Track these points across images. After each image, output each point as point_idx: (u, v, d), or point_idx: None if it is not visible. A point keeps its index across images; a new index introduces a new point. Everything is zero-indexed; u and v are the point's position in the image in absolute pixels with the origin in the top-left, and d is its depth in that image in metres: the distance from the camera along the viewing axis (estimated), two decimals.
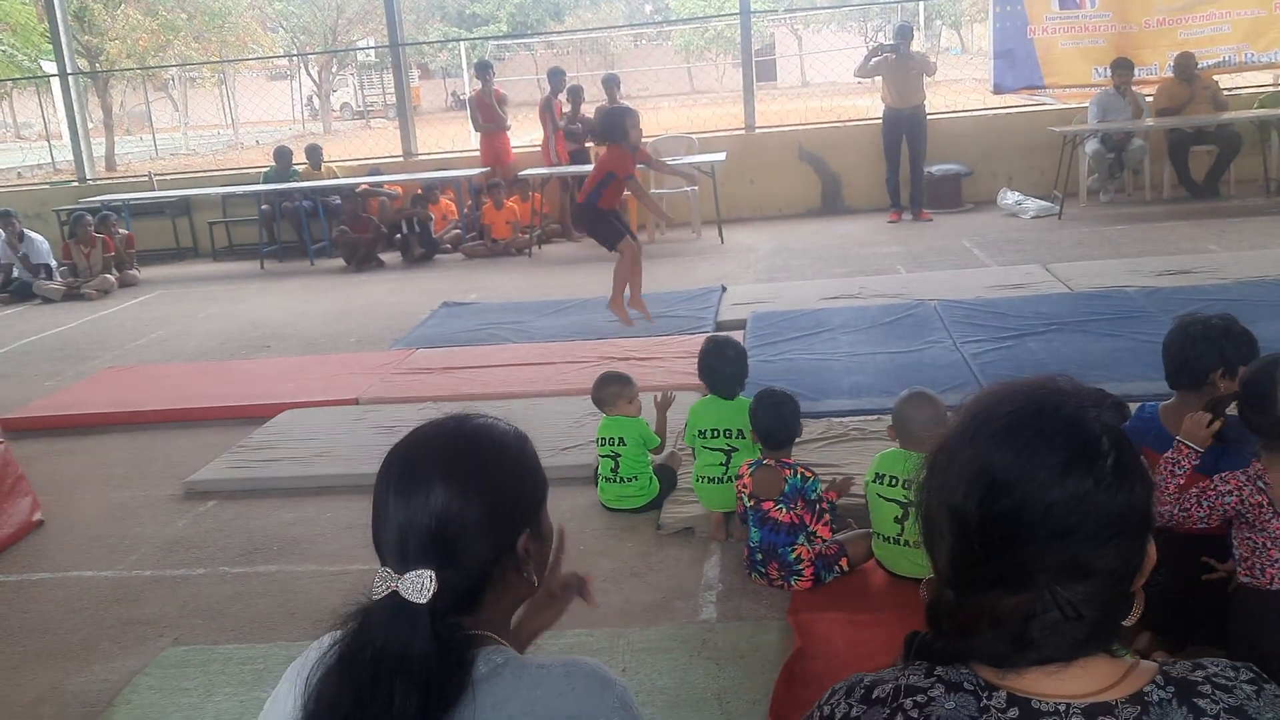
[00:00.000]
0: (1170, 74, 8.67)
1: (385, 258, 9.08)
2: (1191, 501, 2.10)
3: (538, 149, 9.85)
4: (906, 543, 2.80)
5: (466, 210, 9.45)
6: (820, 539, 2.90)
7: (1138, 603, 0.90)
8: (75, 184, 11.01)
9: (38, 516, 3.82)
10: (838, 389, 4.44)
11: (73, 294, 8.56)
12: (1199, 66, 8.57)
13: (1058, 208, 8.33)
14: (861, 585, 2.87)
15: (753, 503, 2.93)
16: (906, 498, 2.78)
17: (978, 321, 5.22)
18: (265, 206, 9.72)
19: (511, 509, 1.12)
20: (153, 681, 2.71)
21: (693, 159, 8.97)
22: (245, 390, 5.25)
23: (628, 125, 4.82)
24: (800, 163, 9.68)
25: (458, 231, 9.37)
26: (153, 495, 4.05)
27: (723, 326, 5.73)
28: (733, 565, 3.07)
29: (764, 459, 2.98)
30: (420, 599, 1.03)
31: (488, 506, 1.09)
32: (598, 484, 3.56)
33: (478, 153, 9.96)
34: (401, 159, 10.47)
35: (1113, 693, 0.85)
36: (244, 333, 6.82)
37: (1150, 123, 8.39)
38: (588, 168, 8.45)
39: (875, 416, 4.00)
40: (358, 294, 7.84)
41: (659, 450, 3.55)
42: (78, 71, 11.83)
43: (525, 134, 10.99)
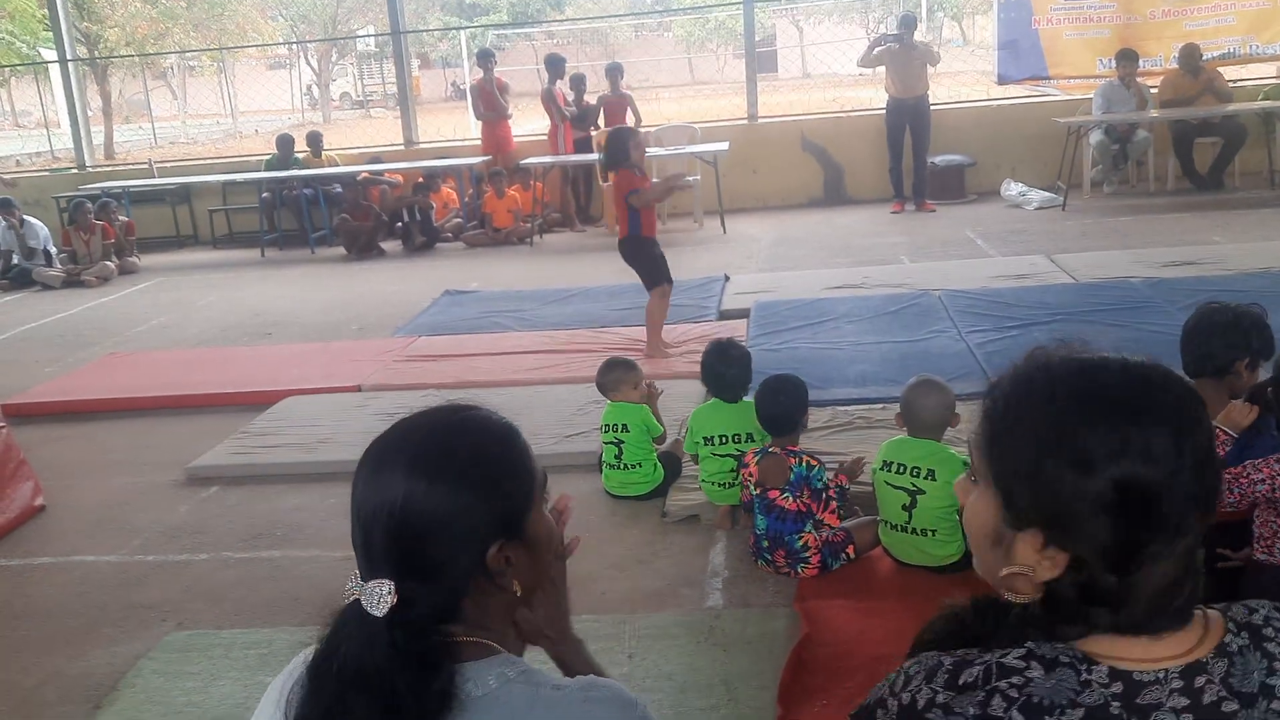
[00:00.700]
0: (1175, 65, 8.64)
1: (386, 246, 9.06)
2: (1223, 487, 2.11)
3: (539, 138, 9.83)
4: (914, 530, 2.79)
5: (468, 199, 9.42)
6: (828, 526, 2.89)
7: None
8: (75, 171, 10.97)
9: (40, 501, 3.81)
10: (843, 378, 4.43)
11: (73, 281, 8.53)
12: (1204, 58, 8.54)
13: (1061, 199, 8.30)
14: (868, 573, 2.86)
15: (759, 491, 2.92)
16: (914, 485, 2.77)
17: (982, 311, 5.20)
18: (266, 194, 9.69)
19: (482, 515, 1.00)
20: (156, 666, 2.70)
21: (695, 149, 8.95)
22: (247, 377, 5.23)
23: (629, 147, 4.82)
24: (803, 153, 9.64)
25: (459, 220, 9.34)
26: (155, 481, 4.03)
27: (726, 315, 5.72)
28: (739, 552, 3.06)
29: (769, 447, 2.96)
30: (377, 612, 0.95)
31: (453, 510, 0.99)
32: (602, 471, 3.55)
33: (479, 141, 9.93)
34: (402, 147, 10.43)
35: (1200, 650, 0.85)
36: (245, 320, 6.80)
37: (1155, 114, 8.36)
38: (592, 156, 8.43)
39: (881, 405, 3.98)
40: (359, 282, 7.82)
41: (661, 440, 3.53)
42: (77, 58, 11.77)
43: (527, 123, 10.95)
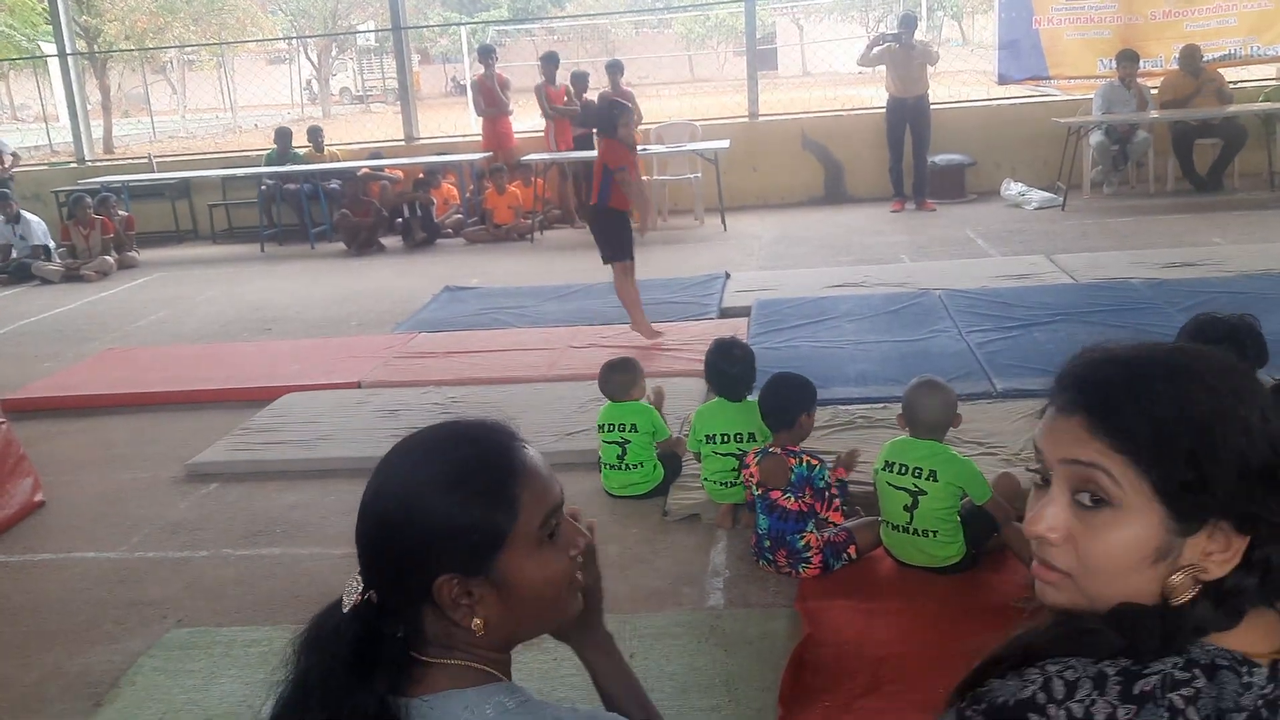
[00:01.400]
0: (1175, 66, 8.63)
1: (386, 242, 9.04)
2: None
3: (540, 134, 9.81)
4: (915, 531, 2.79)
5: (468, 195, 9.41)
6: (831, 524, 2.89)
7: None
8: (74, 165, 10.94)
9: (39, 497, 3.80)
10: (844, 377, 4.43)
11: (72, 275, 8.51)
12: (1204, 59, 8.54)
13: (1061, 199, 8.30)
14: (870, 573, 2.86)
15: (760, 491, 2.92)
16: (915, 486, 2.77)
17: (983, 311, 5.21)
18: (265, 185, 9.67)
19: (436, 541, 0.96)
20: (157, 663, 2.69)
21: (695, 146, 8.94)
22: (247, 373, 5.23)
23: (617, 120, 4.80)
24: (803, 151, 9.64)
25: (459, 216, 9.33)
26: (155, 477, 4.03)
27: (727, 313, 5.72)
28: (740, 552, 3.06)
29: (770, 447, 2.96)
30: (345, 607, 0.98)
31: (402, 532, 0.96)
32: (601, 470, 3.55)
33: (479, 137, 9.91)
34: (403, 143, 10.41)
35: None
36: (244, 315, 6.79)
37: (1155, 115, 8.36)
38: (591, 153, 8.42)
39: (882, 404, 3.99)
40: (359, 278, 7.81)
41: (666, 443, 3.53)
42: (76, 52, 11.74)
43: (528, 119, 10.93)
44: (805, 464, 2.88)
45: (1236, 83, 9.13)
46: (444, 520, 0.96)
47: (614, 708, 1.16)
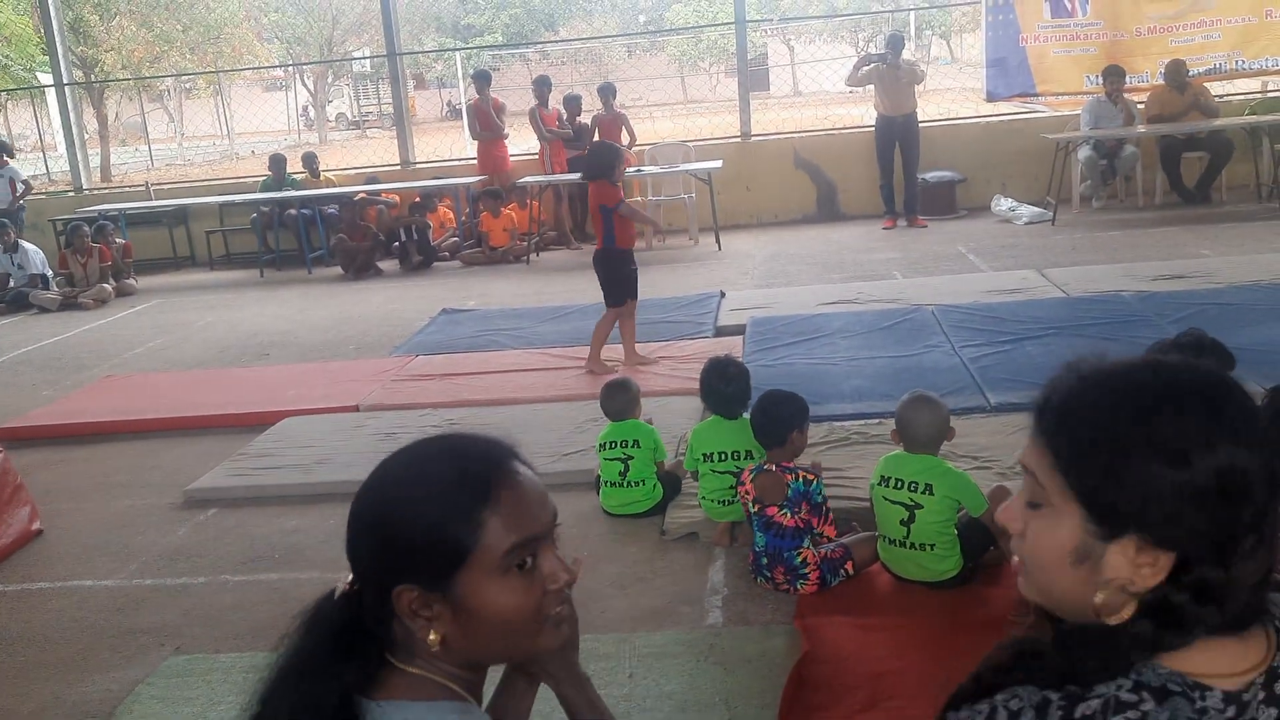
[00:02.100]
0: (1162, 81, 8.73)
1: (383, 266, 9.09)
2: None
3: (535, 157, 9.88)
4: (912, 545, 2.80)
5: (464, 218, 9.46)
6: (826, 539, 2.90)
7: None
8: (71, 194, 10.99)
9: (37, 526, 3.80)
10: (838, 393, 4.45)
11: (69, 304, 8.53)
12: (1190, 74, 8.63)
13: (1051, 214, 8.37)
14: (867, 589, 2.87)
15: (757, 508, 2.94)
16: (912, 500, 2.78)
17: (975, 326, 5.24)
18: (260, 211, 9.71)
19: (386, 554, 0.99)
20: (155, 691, 2.69)
21: (689, 166, 9.01)
22: (245, 398, 5.24)
23: (615, 164, 4.88)
24: (796, 170, 9.71)
25: (456, 239, 9.38)
26: (152, 504, 4.03)
27: (722, 331, 5.74)
28: (738, 570, 3.07)
29: (764, 464, 2.98)
30: (333, 597, 1.03)
31: (370, 540, 1.01)
32: (599, 490, 3.56)
33: (474, 161, 9.98)
34: (399, 167, 10.48)
35: (1270, 655, 0.83)
36: (243, 341, 6.81)
37: (1142, 129, 8.44)
38: None
39: (877, 420, 4.01)
40: (356, 302, 7.84)
41: (663, 463, 3.55)
42: (73, 82, 11.83)
43: (523, 142, 11.01)
44: (801, 479, 2.90)
45: (1222, 96, 9.23)
46: (408, 531, 0.98)
47: None
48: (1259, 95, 9.52)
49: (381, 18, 10.73)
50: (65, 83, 11.04)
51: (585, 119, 9.58)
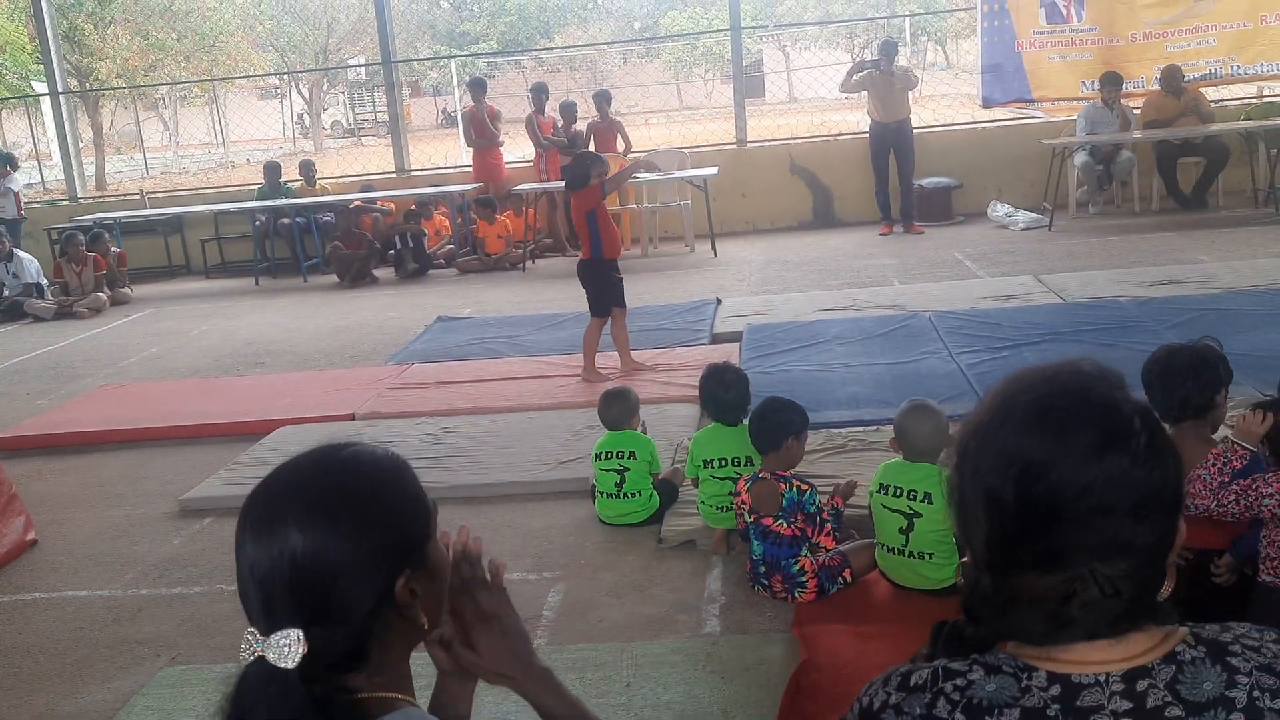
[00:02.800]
0: (1157, 87, 8.76)
1: (379, 274, 9.07)
2: (1230, 498, 2.14)
3: (530, 164, 9.89)
4: (911, 554, 2.79)
5: (458, 224, 9.45)
6: (823, 549, 2.89)
7: (1169, 577, 0.93)
8: (66, 203, 10.97)
9: (32, 536, 3.78)
10: (835, 400, 4.44)
11: (64, 313, 8.51)
12: (1186, 79, 8.66)
13: (1048, 220, 8.38)
14: (866, 597, 2.86)
15: (753, 518, 2.92)
16: (910, 508, 2.78)
17: (972, 332, 5.24)
18: (260, 220, 9.70)
19: (386, 549, 0.98)
20: (150, 702, 2.67)
21: (684, 173, 9.01)
22: (240, 407, 5.22)
23: (591, 172, 4.90)
24: (791, 176, 9.72)
25: (451, 247, 9.37)
26: (148, 513, 4.01)
27: (719, 339, 5.74)
28: (735, 578, 3.06)
29: (759, 473, 2.97)
30: (288, 664, 0.91)
31: (357, 549, 0.96)
32: (594, 499, 3.55)
33: (470, 168, 9.98)
34: (394, 175, 10.47)
35: (1147, 657, 0.87)
36: (238, 349, 6.79)
37: (1138, 135, 8.46)
38: None
39: (875, 427, 4.00)
40: (352, 310, 7.82)
41: (660, 474, 3.55)
42: (68, 91, 11.82)
43: (518, 150, 11.02)
44: (795, 489, 2.89)
45: (1218, 102, 9.26)
46: (393, 522, 1.00)
47: None
48: (1254, 100, 9.55)
49: (376, 25, 10.74)
50: (60, 91, 11.03)
51: (580, 126, 9.59)
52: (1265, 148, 8.44)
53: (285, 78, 27.36)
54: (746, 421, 3.14)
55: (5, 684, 2.87)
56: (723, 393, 3.32)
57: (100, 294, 8.74)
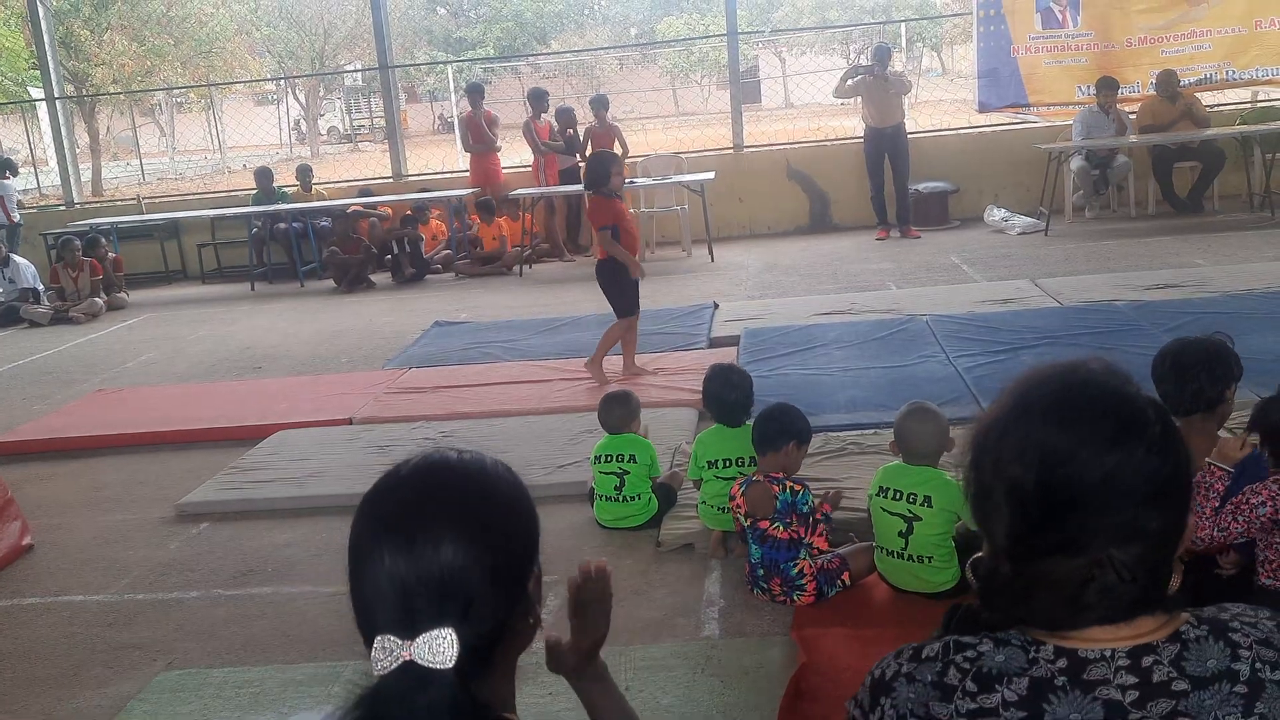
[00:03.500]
0: (1153, 92, 8.79)
1: (376, 278, 9.06)
2: (1229, 519, 2.12)
3: (528, 169, 9.90)
4: (910, 557, 2.79)
5: (455, 228, 9.45)
6: (817, 549, 2.89)
7: (1176, 571, 0.97)
8: (63, 208, 10.96)
9: (28, 540, 3.77)
10: (833, 404, 4.44)
11: (60, 317, 8.49)
12: (1181, 84, 8.69)
13: (1044, 224, 8.40)
14: (865, 599, 2.86)
15: (749, 522, 2.92)
16: (910, 511, 2.77)
17: (970, 336, 5.24)
18: (257, 226, 9.70)
19: (524, 555, 1.03)
20: (147, 707, 2.66)
21: (681, 178, 9.02)
22: (237, 411, 5.21)
23: (611, 172, 4.85)
24: (788, 181, 9.74)
25: (448, 252, 9.37)
26: (144, 518, 4.00)
27: (716, 343, 5.74)
28: (734, 581, 3.05)
29: (754, 476, 2.96)
30: (445, 664, 0.89)
31: (504, 557, 0.99)
32: (593, 502, 3.54)
33: (467, 174, 9.99)
34: (391, 180, 10.48)
35: (1153, 636, 0.91)
36: (235, 354, 6.78)
37: (1134, 139, 8.49)
38: (578, 187, 8.49)
39: (872, 430, 4.00)
40: (349, 314, 7.82)
41: (659, 478, 3.54)
42: (64, 96, 11.81)
43: (515, 155, 11.03)
44: (789, 490, 2.88)
45: (1213, 106, 9.29)
46: (530, 525, 1.05)
47: None
48: (1250, 105, 9.59)
49: (373, 31, 10.76)
50: (56, 97, 11.03)
51: (577, 132, 9.60)
52: (1260, 152, 8.47)
53: (282, 83, 27.39)
54: (750, 423, 3.15)
55: (1, 688, 2.86)
56: (727, 394, 3.33)
57: (97, 299, 8.73)
